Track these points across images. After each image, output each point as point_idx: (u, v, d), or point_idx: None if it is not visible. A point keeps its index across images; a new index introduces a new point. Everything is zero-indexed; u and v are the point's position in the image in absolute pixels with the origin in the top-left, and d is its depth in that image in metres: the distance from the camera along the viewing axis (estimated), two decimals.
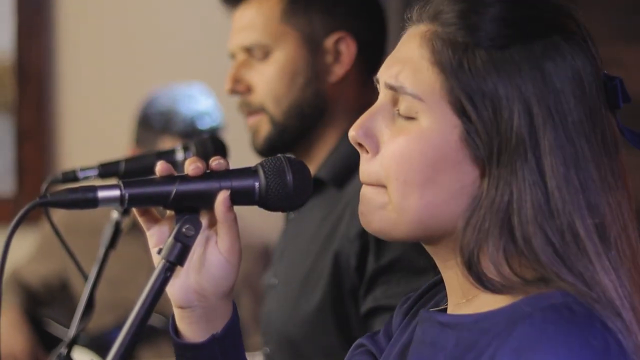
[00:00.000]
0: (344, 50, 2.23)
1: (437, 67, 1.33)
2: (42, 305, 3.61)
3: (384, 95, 1.38)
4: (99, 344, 3.29)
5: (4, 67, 4.08)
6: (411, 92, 1.34)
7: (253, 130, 2.27)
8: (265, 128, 2.24)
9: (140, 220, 1.43)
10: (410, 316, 1.49)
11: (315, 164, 2.27)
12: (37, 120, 4.10)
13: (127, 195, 1.37)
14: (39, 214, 3.55)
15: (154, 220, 1.43)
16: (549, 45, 1.32)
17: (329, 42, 2.23)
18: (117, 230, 2.09)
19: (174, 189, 1.39)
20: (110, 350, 1.35)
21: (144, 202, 1.40)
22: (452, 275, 1.38)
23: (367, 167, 1.38)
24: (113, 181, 1.40)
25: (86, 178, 2.05)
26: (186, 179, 1.40)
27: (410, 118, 1.34)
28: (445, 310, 1.41)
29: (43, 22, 4.07)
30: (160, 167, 1.40)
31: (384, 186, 1.36)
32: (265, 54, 2.23)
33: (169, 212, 1.43)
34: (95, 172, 2.06)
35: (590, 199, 1.30)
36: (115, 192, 1.37)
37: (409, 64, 1.35)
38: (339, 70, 2.24)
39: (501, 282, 1.30)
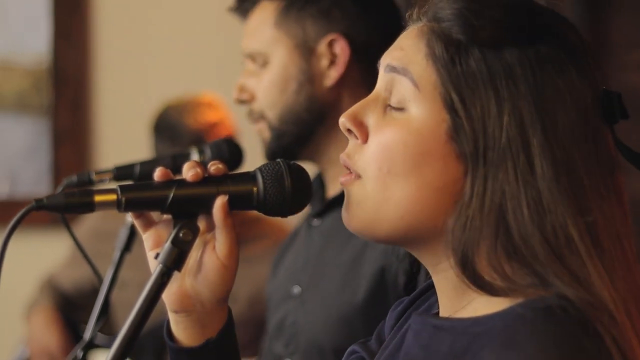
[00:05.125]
0: (338, 53, 2.22)
1: (431, 59, 1.34)
2: (77, 309, 3.64)
3: (381, 79, 1.39)
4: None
5: (40, 70, 4.12)
6: (411, 76, 1.34)
7: (260, 137, 2.28)
8: (266, 135, 2.25)
9: (135, 222, 1.43)
10: (403, 320, 1.48)
11: (324, 171, 2.28)
12: (74, 122, 4.12)
13: (123, 199, 1.37)
14: (73, 218, 3.60)
15: (150, 223, 1.43)
16: (544, 52, 1.32)
17: (322, 45, 2.22)
18: (132, 234, 2.09)
19: (171, 193, 1.38)
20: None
21: (141, 207, 1.40)
22: (443, 279, 1.37)
23: (353, 151, 1.38)
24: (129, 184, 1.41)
25: (101, 181, 2.06)
26: (184, 183, 1.39)
27: (401, 109, 1.35)
28: (437, 315, 1.40)
29: (79, 24, 4.09)
30: (159, 172, 1.40)
31: (359, 176, 1.36)
32: (264, 61, 2.23)
33: (165, 216, 1.42)
34: (110, 175, 2.07)
35: (581, 203, 1.29)
36: (112, 197, 1.37)
37: (409, 52, 1.37)
38: (334, 73, 2.22)
39: (499, 283, 1.29)
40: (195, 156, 2.13)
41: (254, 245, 3.36)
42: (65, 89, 4.11)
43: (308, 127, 2.22)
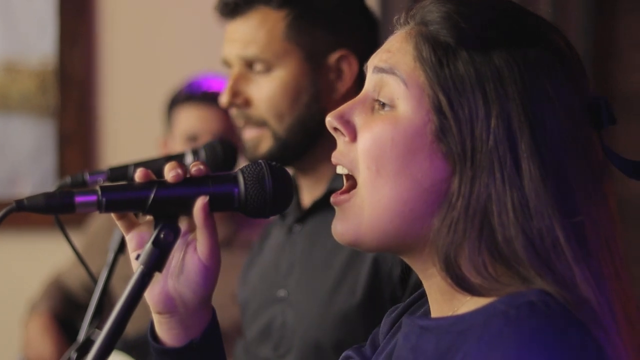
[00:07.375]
0: (345, 68, 2.22)
1: (418, 61, 1.34)
2: (83, 309, 3.63)
3: (369, 80, 1.39)
4: (136, 348, 3.29)
5: (46, 71, 4.12)
6: (400, 74, 1.34)
7: (253, 143, 2.25)
8: (267, 143, 2.23)
9: (118, 224, 1.43)
10: (397, 326, 1.48)
11: (322, 180, 2.27)
12: (79, 124, 4.13)
13: (104, 200, 1.37)
14: (81, 218, 3.59)
15: (132, 224, 1.43)
16: (532, 55, 1.32)
17: (332, 59, 2.22)
18: None
19: (151, 194, 1.38)
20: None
21: (122, 208, 1.40)
22: (432, 285, 1.37)
23: (345, 150, 1.38)
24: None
25: (95, 182, 2.05)
26: (165, 184, 1.39)
27: (389, 106, 1.35)
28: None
29: (85, 27, 4.10)
30: (139, 173, 1.40)
31: (354, 179, 1.36)
32: (267, 68, 2.21)
33: (148, 217, 1.42)
34: (103, 177, 2.06)
35: (569, 206, 1.28)
36: (92, 197, 1.37)
37: (397, 54, 1.37)
38: (341, 88, 2.23)
39: (481, 284, 1.29)
40: (189, 157, 2.12)
41: None
42: (71, 90, 4.11)
43: (313, 138, 2.22)
